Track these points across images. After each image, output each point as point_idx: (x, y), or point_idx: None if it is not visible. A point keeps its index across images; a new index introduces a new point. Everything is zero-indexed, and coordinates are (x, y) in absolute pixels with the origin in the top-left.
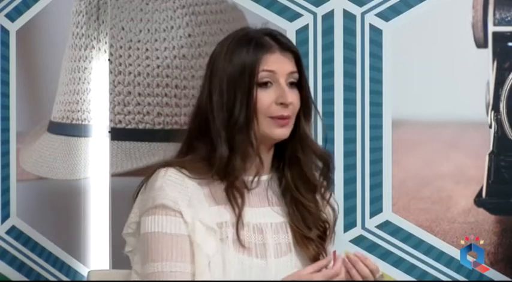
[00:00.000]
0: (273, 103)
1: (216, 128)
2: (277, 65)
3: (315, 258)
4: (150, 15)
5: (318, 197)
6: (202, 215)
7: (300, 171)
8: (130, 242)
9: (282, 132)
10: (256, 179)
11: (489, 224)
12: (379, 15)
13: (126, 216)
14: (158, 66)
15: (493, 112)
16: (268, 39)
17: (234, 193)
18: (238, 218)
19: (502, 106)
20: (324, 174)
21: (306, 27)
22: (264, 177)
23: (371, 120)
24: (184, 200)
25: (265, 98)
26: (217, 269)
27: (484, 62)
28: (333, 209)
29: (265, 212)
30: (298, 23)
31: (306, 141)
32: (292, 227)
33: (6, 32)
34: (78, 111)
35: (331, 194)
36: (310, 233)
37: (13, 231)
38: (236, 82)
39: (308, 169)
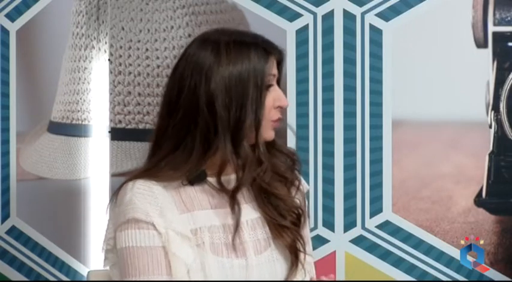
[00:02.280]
0: (272, 107)
1: (220, 131)
2: (275, 69)
3: (292, 246)
4: (150, 15)
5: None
6: (175, 224)
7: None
8: (110, 257)
9: (273, 134)
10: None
11: (489, 224)
12: (379, 15)
13: None
14: (158, 66)
15: (493, 112)
16: (265, 43)
17: (235, 200)
18: (237, 225)
19: (502, 106)
20: (291, 169)
21: (306, 27)
22: (233, 176)
23: (371, 120)
24: (156, 210)
25: (268, 101)
26: (198, 275)
27: (484, 62)
28: (302, 193)
29: (241, 210)
30: (298, 23)
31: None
32: (266, 218)
33: (6, 32)
34: (78, 111)
35: (300, 180)
36: (284, 221)
37: (13, 231)
38: (246, 85)
39: (273, 163)
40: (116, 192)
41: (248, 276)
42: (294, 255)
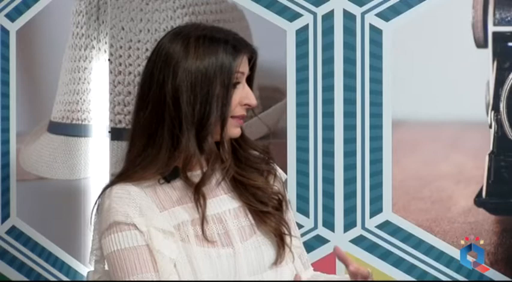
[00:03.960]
0: (238, 104)
1: (184, 126)
2: (245, 67)
3: (277, 230)
4: (150, 15)
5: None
6: (155, 222)
7: (237, 159)
8: (98, 268)
9: (238, 132)
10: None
11: (489, 224)
12: (379, 15)
13: None
14: None
15: (493, 112)
16: (235, 40)
17: (199, 194)
18: (203, 217)
19: (502, 106)
20: (266, 162)
21: (306, 27)
22: (200, 171)
23: (371, 120)
24: (135, 211)
25: (234, 99)
26: (185, 269)
27: (484, 62)
28: (280, 181)
29: (221, 200)
30: (298, 23)
31: (243, 136)
32: (248, 207)
33: (6, 32)
34: (78, 111)
35: (276, 170)
36: (265, 208)
37: (13, 231)
38: (212, 81)
39: (244, 157)
40: (96, 202)
41: (236, 264)
42: (279, 238)
